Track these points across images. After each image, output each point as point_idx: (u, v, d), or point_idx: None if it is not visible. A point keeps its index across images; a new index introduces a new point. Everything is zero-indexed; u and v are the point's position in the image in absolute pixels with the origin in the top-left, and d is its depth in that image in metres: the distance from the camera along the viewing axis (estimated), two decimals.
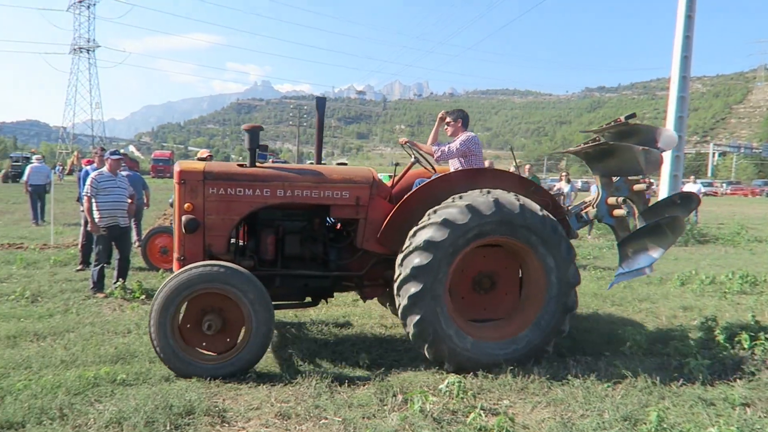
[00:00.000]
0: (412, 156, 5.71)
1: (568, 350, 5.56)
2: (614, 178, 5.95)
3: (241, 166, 5.26)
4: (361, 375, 4.85)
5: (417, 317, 4.71)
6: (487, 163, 7.14)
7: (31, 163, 17.24)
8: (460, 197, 4.92)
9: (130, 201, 8.06)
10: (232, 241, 5.41)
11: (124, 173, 8.55)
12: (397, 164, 6.03)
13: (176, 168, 5.13)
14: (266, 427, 3.87)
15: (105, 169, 7.94)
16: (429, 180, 5.36)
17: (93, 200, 7.62)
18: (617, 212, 5.75)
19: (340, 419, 3.94)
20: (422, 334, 4.75)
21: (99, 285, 7.66)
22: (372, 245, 5.24)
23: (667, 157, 17.62)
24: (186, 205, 4.99)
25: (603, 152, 5.75)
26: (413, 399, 4.13)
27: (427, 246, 4.68)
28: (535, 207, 4.92)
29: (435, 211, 4.88)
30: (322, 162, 6.00)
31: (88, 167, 9.76)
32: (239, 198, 5.07)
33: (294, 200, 5.17)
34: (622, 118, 5.61)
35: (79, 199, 9.50)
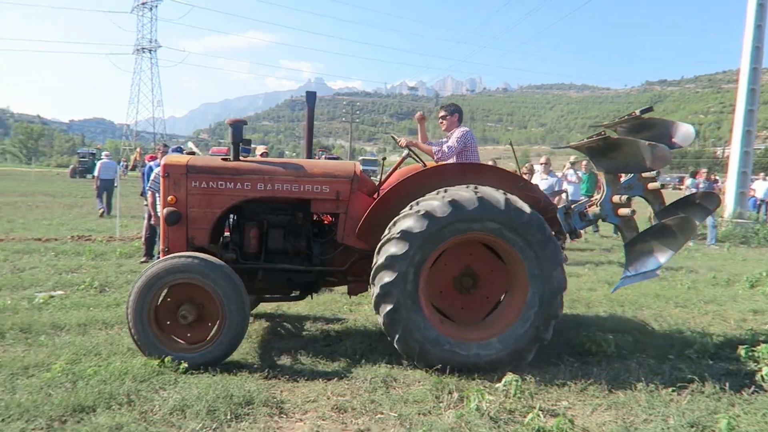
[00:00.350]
0: (414, 158, 5.72)
1: (629, 352, 5.39)
2: (623, 176, 5.64)
3: (224, 160, 5.31)
4: (417, 371, 4.84)
5: (389, 307, 4.63)
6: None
7: (101, 159, 18.22)
8: (445, 191, 4.78)
9: None
10: (226, 234, 5.52)
11: None
12: (384, 158, 6.04)
13: (162, 162, 5.25)
14: (323, 420, 3.92)
15: None
16: (410, 175, 5.20)
17: (157, 195, 7.92)
18: (622, 211, 5.49)
19: (395, 415, 3.95)
20: (393, 325, 4.67)
21: None
22: (352, 240, 5.19)
23: (735, 153, 16.88)
24: (169, 198, 5.09)
25: (607, 148, 5.41)
26: (469, 397, 4.09)
27: (404, 236, 4.59)
28: (522, 205, 4.70)
29: (417, 203, 4.78)
30: (314, 156, 5.91)
31: (152, 163, 10.09)
32: (221, 191, 5.12)
33: (274, 194, 5.18)
34: (637, 112, 5.32)
35: (143, 194, 9.89)
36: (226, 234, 5.52)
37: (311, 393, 4.32)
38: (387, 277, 4.62)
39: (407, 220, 4.64)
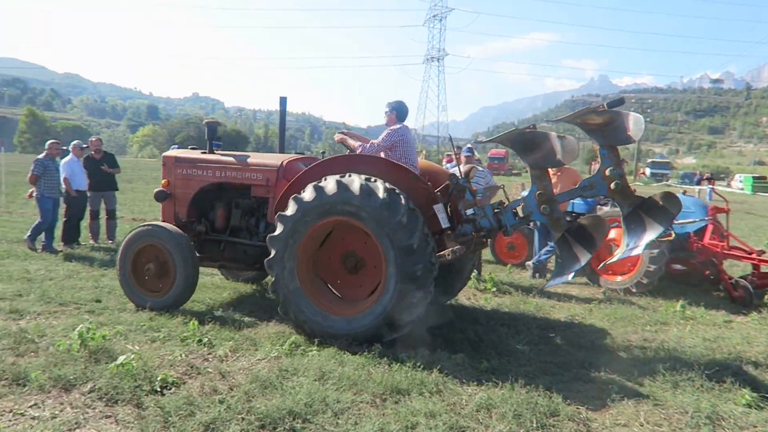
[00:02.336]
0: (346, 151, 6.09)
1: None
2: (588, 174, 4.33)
3: (203, 153, 6.71)
4: (738, 408, 4.11)
5: (273, 278, 5.45)
6: (422, 156, 6.62)
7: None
8: (325, 179, 5.27)
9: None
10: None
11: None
12: (323, 152, 7.08)
13: (163, 154, 6.85)
14: None
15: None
16: (313, 165, 5.71)
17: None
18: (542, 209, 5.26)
19: None
20: (276, 294, 5.43)
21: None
22: (274, 219, 5.66)
23: None
24: (163, 182, 6.69)
25: (529, 142, 5.26)
26: None
27: (282, 219, 5.34)
28: (378, 192, 5.01)
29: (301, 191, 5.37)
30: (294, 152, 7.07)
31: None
32: (193, 177, 6.58)
33: (227, 180, 6.47)
34: (605, 105, 4.74)
35: None
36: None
37: (620, 415, 4.00)
38: (270, 254, 5.41)
39: (288, 206, 5.36)
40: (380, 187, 5.04)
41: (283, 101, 7.05)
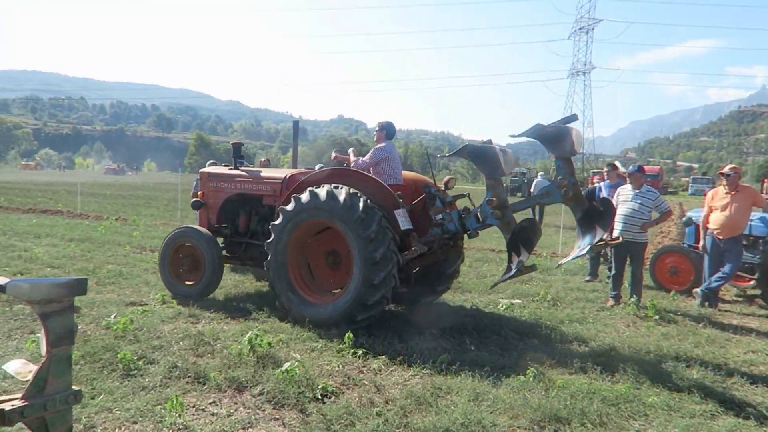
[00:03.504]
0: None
1: None
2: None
3: (230, 169, 7.83)
4: None
5: (270, 276, 6.40)
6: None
7: (536, 178, 23.29)
8: (307, 191, 6.20)
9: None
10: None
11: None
12: (321, 166, 8.54)
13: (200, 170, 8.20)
14: None
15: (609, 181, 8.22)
16: (304, 178, 6.64)
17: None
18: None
19: None
20: (270, 283, 6.43)
21: (615, 296, 7.95)
22: None
23: None
24: (200, 193, 7.85)
25: (481, 156, 5.92)
26: None
27: (273, 227, 6.36)
28: (344, 198, 5.86)
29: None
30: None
31: (601, 184, 10.14)
32: (221, 189, 7.70)
33: (247, 191, 7.50)
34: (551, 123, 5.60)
35: None
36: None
37: None
38: (267, 252, 6.37)
39: (278, 215, 6.39)
40: (342, 192, 5.97)
41: (295, 124, 8.31)
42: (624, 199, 7.96)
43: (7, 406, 2.59)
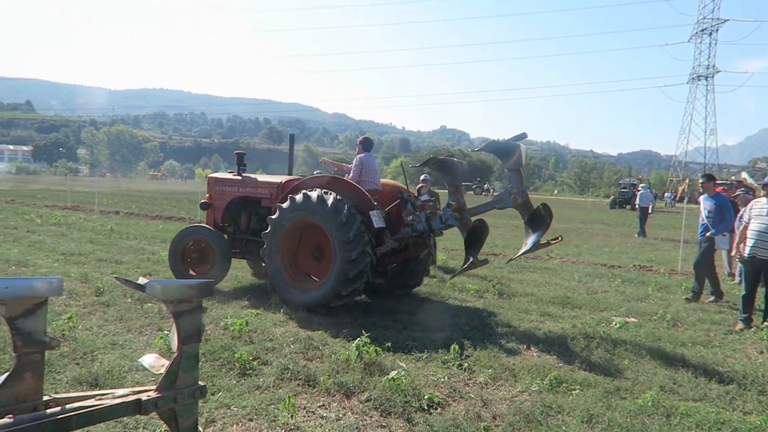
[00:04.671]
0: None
1: None
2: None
3: (234, 175, 8.75)
4: None
5: (264, 261, 7.40)
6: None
7: (638, 190, 23.78)
8: (302, 193, 7.20)
9: None
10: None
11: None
12: (318, 172, 9.05)
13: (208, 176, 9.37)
14: None
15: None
16: (298, 182, 7.73)
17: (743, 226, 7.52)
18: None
19: None
20: (267, 274, 7.46)
21: (745, 318, 7.27)
22: None
23: None
24: (207, 196, 8.80)
25: (444, 166, 7.20)
26: None
27: (270, 220, 7.39)
28: (328, 201, 6.91)
29: None
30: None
31: (701, 198, 9.52)
32: (226, 192, 8.64)
33: (247, 194, 8.44)
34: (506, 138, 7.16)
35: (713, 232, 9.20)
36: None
37: None
38: (265, 246, 7.35)
39: (275, 213, 7.37)
40: (331, 197, 6.94)
41: (291, 138, 9.68)
42: (757, 213, 7.29)
43: (143, 397, 2.82)
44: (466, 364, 5.24)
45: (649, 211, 21.58)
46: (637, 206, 21.99)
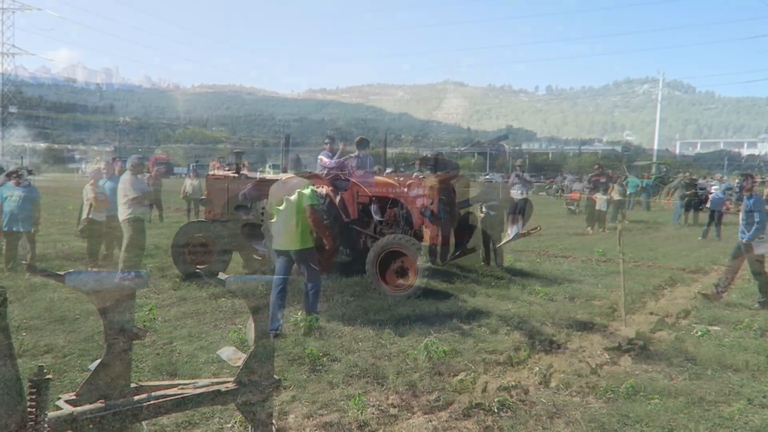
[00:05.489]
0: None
1: None
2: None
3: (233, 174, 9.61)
4: None
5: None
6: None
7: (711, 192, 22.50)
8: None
9: None
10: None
11: None
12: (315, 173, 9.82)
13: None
14: None
15: None
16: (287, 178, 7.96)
17: None
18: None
19: None
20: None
21: None
22: None
23: None
24: (206, 192, 9.72)
25: (437, 164, 8.40)
26: None
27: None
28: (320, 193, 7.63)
29: None
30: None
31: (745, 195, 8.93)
32: (223, 189, 9.20)
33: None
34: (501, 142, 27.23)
35: None
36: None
37: None
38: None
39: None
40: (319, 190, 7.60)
41: (286, 137, 10.00)
42: None
43: (222, 388, 2.91)
44: (537, 368, 5.11)
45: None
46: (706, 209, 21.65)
